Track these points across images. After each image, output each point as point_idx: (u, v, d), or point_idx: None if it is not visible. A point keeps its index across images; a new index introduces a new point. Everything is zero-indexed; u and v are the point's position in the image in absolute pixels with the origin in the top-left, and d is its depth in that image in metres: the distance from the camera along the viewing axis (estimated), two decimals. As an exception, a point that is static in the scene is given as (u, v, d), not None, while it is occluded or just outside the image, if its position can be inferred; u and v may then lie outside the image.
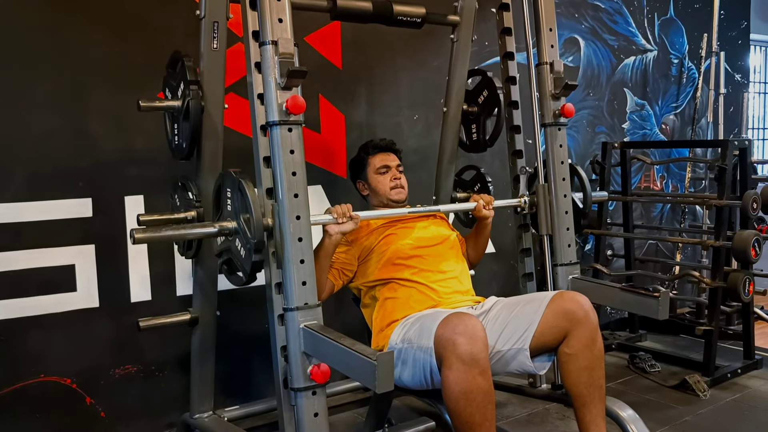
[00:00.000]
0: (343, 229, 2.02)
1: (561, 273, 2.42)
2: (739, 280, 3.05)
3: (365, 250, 2.27)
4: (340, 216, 2.00)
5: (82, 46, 2.36)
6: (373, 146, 2.45)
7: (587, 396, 1.98)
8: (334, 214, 2.00)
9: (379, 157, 2.42)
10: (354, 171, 2.50)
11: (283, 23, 1.75)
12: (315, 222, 1.89)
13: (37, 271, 2.32)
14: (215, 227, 1.83)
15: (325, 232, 2.04)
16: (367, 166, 2.42)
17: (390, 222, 2.34)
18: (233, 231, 1.82)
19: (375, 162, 2.41)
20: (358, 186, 2.47)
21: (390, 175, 2.39)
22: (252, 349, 2.75)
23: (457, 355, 1.74)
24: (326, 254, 2.07)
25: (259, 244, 1.74)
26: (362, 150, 2.47)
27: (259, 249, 1.75)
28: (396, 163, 2.42)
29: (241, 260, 1.81)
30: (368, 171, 2.42)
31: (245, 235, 1.77)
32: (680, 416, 2.75)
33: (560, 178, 2.44)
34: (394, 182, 2.38)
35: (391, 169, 2.40)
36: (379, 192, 2.38)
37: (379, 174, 2.39)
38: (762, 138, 5.81)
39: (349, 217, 2.02)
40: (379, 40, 2.99)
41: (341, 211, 2.01)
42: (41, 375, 2.35)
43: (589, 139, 3.94)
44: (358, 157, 2.48)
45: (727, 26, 4.64)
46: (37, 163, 2.31)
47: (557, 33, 2.45)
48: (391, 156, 2.44)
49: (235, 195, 1.81)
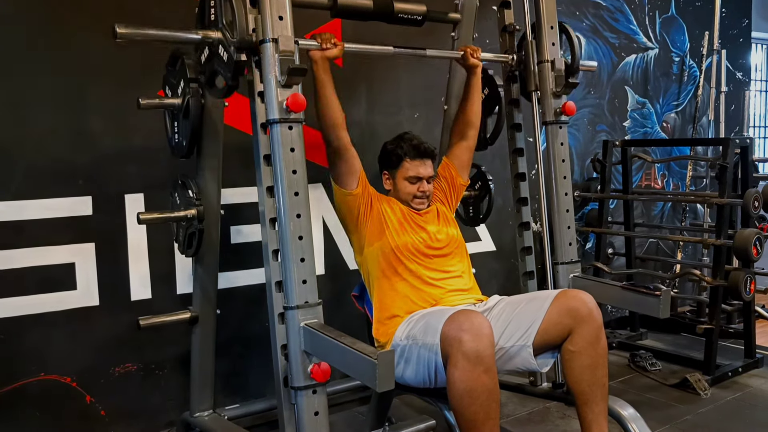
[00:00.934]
0: (328, 54, 2.01)
1: (562, 271, 2.42)
2: (740, 279, 3.05)
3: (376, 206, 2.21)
4: (325, 41, 1.99)
5: (82, 44, 2.35)
6: (414, 147, 2.31)
7: (590, 394, 1.98)
8: (318, 39, 1.99)
9: (415, 164, 2.30)
10: (385, 159, 2.37)
11: (284, 21, 1.75)
12: (302, 46, 1.87)
13: (36, 269, 2.32)
14: (198, 34, 1.81)
15: (311, 60, 2.01)
16: (400, 166, 2.32)
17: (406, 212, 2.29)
18: (216, 41, 1.79)
19: (409, 168, 2.30)
20: (384, 176, 2.37)
21: (418, 185, 2.30)
22: (252, 348, 2.74)
23: (463, 353, 1.74)
24: (322, 81, 2.04)
25: (242, 42, 1.71)
26: (399, 146, 2.33)
27: (242, 47, 1.72)
28: (429, 173, 2.31)
29: (224, 66, 1.78)
30: (399, 171, 2.32)
31: (228, 40, 1.74)
32: (681, 415, 2.75)
33: (561, 177, 2.44)
34: (420, 193, 2.30)
35: (422, 180, 2.30)
36: (401, 194, 2.31)
37: (408, 182, 2.30)
38: (763, 136, 5.80)
39: (334, 44, 2.01)
40: (379, 38, 2.97)
41: (326, 37, 2.00)
42: (41, 373, 2.34)
43: (590, 138, 3.93)
44: (394, 153, 2.34)
45: (729, 24, 4.64)
46: (37, 161, 2.31)
47: (558, 31, 2.45)
48: (427, 164, 2.32)
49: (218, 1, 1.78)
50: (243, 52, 1.73)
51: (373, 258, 2.20)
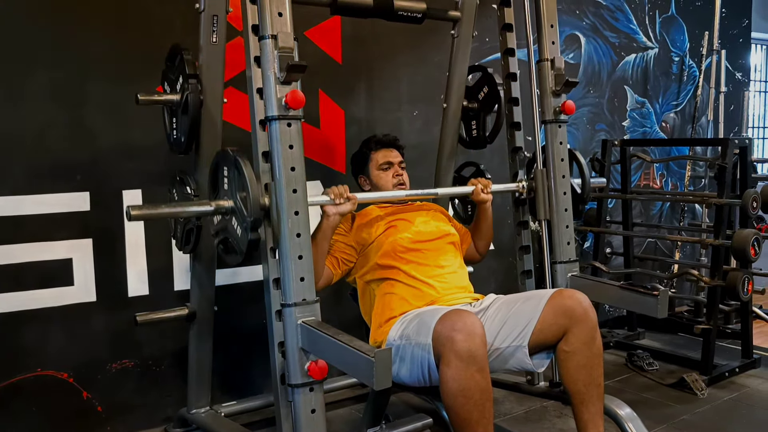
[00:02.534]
0: (340, 210, 2.01)
1: (560, 270, 2.42)
2: (738, 279, 3.05)
3: (365, 241, 2.25)
4: (337, 197, 1.99)
5: (81, 39, 2.34)
6: (376, 142, 2.43)
7: (585, 394, 1.98)
8: (331, 195, 1.99)
9: (381, 153, 2.39)
10: (356, 166, 2.48)
11: (283, 17, 1.74)
12: (312, 203, 1.87)
13: (34, 265, 2.32)
14: (211, 206, 1.81)
15: (323, 214, 2.03)
16: (369, 161, 2.40)
17: (390, 213, 2.33)
18: (229, 210, 1.80)
19: (377, 158, 2.39)
20: (360, 181, 2.45)
21: (392, 171, 2.37)
22: (249, 345, 2.74)
23: (455, 352, 1.74)
24: (324, 237, 2.06)
25: (256, 222, 1.72)
26: (364, 145, 2.45)
27: (256, 227, 1.73)
28: (399, 159, 2.40)
29: (237, 239, 1.79)
30: (370, 167, 2.40)
31: (241, 214, 1.75)
32: (678, 415, 2.75)
33: (560, 175, 2.44)
34: (396, 179, 2.36)
35: (393, 165, 2.38)
36: (380, 188, 2.36)
37: (381, 170, 2.37)
38: (762, 137, 5.80)
39: (347, 198, 2.01)
40: (379, 36, 2.98)
41: (338, 192, 2.00)
42: (38, 369, 2.34)
43: (589, 137, 3.93)
44: (360, 152, 2.46)
45: (729, 24, 4.63)
46: (35, 156, 2.30)
47: (558, 30, 2.44)
48: (393, 152, 2.41)
49: (231, 173, 1.79)
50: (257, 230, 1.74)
51: (364, 279, 2.25)
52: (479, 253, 2.54)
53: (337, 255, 2.22)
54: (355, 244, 2.25)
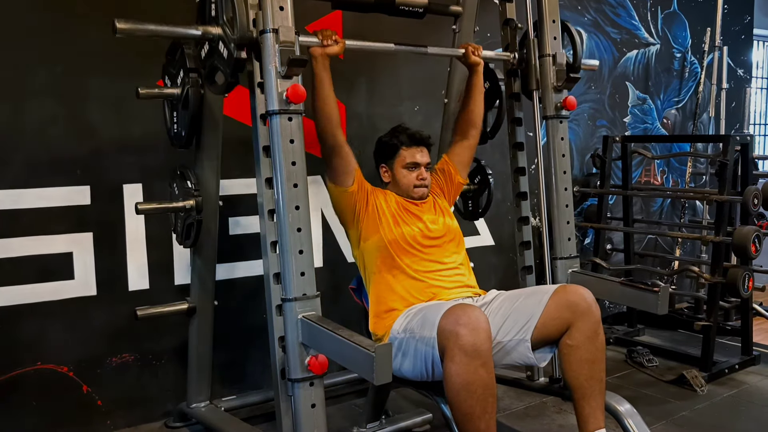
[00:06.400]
0: (328, 51, 2.00)
1: (560, 266, 2.42)
2: (739, 276, 3.05)
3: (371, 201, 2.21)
4: (326, 38, 1.99)
5: (81, 33, 2.34)
6: (409, 136, 2.33)
7: (587, 388, 1.98)
8: (319, 36, 1.99)
9: (411, 151, 2.30)
10: (380, 153, 2.38)
11: (284, 11, 1.74)
12: (302, 42, 1.86)
13: (34, 259, 2.32)
14: (198, 30, 1.80)
15: (312, 57, 2.00)
16: (396, 155, 2.31)
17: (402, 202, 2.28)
18: (217, 37, 1.78)
19: (406, 156, 2.30)
20: (381, 169, 2.37)
21: (417, 173, 2.30)
22: (249, 340, 2.74)
23: (460, 347, 1.74)
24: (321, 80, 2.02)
25: (242, 39, 1.71)
26: (395, 136, 2.34)
27: (242, 45, 1.72)
28: (426, 161, 2.32)
29: (224, 63, 1.77)
30: (396, 161, 2.31)
31: (229, 37, 1.74)
32: (677, 411, 2.75)
33: (561, 171, 2.43)
34: (419, 181, 2.30)
35: (419, 167, 2.30)
36: (401, 185, 2.31)
37: (406, 169, 2.30)
38: (764, 134, 5.80)
39: (335, 41, 2.00)
40: (380, 30, 2.96)
41: (327, 33, 2.00)
42: (38, 363, 2.34)
43: (590, 133, 3.92)
44: (389, 143, 2.34)
45: (731, 21, 4.62)
46: (36, 150, 2.30)
47: (560, 25, 2.44)
48: (423, 152, 2.33)
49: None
50: (243, 49, 1.72)
51: (369, 253, 2.20)
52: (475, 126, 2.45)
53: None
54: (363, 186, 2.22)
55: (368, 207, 2.21)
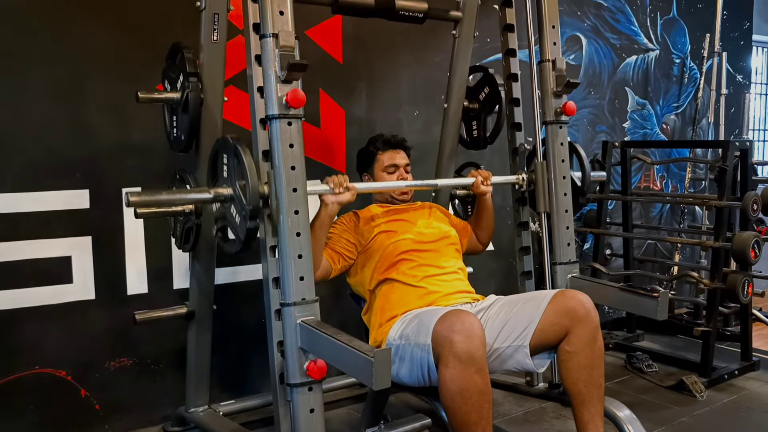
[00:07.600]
0: (339, 200, 2.01)
1: (560, 272, 2.42)
2: (738, 282, 3.05)
3: (365, 239, 2.25)
4: (336, 186, 1.99)
5: (81, 36, 2.34)
6: (384, 142, 2.40)
7: (586, 395, 1.98)
8: (330, 184, 1.99)
9: (388, 154, 2.37)
10: (361, 163, 2.46)
11: (284, 16, 1.74)
12: (311, 192, 1.87)
13: (33, 262, 2.31)
14: (210, 193, 1.81)
15: (321, 202, 2.02)
16: (375, 161, 2.38)
17: (391, 212, 2.32)
18: (228, 198, 1.80)
19: (384, 159, 2.37)
20: (364, 179, 2.44)
21: (397, 174, 2.35)
22: (248, 344, 2.74)
23: (454, 353, 1.73)
24: (322, 226, 2.04)
25: (255, 211, 1.72)
26: (371, 144, 2.43)
27: (254, 216, 1.72)
28: (405, 162, 2.38)
29: (236, 227, 1.79)
30: (375, 167, 2.38)
31: (240, 202, 1.75)
32: (677, 417, 2.74)
33: (560, 176, 2.43)
34: None
35: (399, 168, 2.36)
36: (384, 190, 2.35)
37: (386, 172, 2.36)
38: (763, 139, 5.79)
39: (346, 188, 2.00)
40: (380, 35, 2.98)
41: (338, 181, 2.00)
42: (36, 367, 2.34)
43: (590, 138, 3.93)
44: (366, 151, 2.43)
45: (730, 27, 4.63)
46: (35, 153, 2.30)
47: (559, 30, 2.44)
48: (400, 154, 2.40)
49: (231, 161, 1.79)
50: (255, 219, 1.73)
51: (365, 276, 2.24)
52: (481, 244, 2.55)
53: (338, 250, 2.21)
54: (356, 242, 2.25)
55: (368, 250, 2.25)
